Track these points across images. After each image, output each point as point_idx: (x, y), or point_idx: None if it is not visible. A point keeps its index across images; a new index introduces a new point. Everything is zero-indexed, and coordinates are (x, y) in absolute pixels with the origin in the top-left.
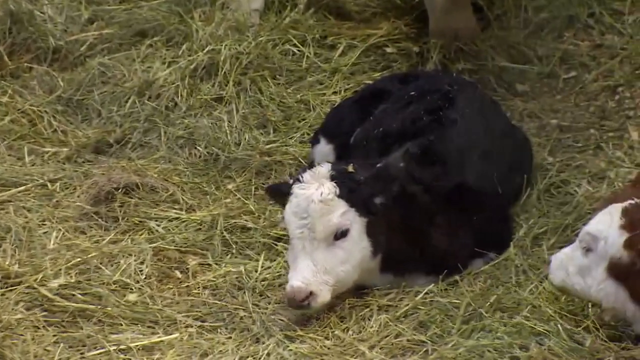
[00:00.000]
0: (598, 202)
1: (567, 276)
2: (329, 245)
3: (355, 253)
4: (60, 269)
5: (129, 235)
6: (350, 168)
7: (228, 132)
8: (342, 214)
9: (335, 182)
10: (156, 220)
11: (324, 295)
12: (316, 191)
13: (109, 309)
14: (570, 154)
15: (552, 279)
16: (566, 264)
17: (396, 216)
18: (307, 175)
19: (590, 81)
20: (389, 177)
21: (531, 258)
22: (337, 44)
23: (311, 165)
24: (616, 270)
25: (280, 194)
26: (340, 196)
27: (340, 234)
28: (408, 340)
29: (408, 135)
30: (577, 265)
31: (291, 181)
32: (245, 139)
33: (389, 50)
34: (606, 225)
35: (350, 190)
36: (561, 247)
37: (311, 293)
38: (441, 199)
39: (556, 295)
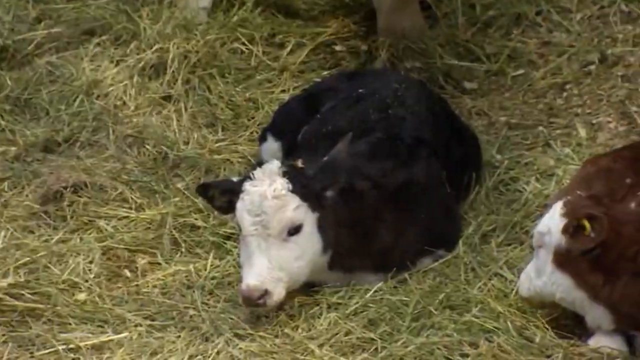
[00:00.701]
0: (547, 199)
1: (530, 283)
2: (283, 241)
3: (308, 248)
4: (9, 269)
5: (78, 234)
6: (299, 164)
7: (177, 130)
8: (295, 208)
9: (287, 178)
10: (105, 219)
11: (279, 293)
12: (269, 187)
13: (58, 308)
14: (518, 152)
15: (521, 291)
16: (529, 272)
17: (344, 211)
18: (258, 173)
19: (538, 79)
20: (336, 168)
21: (480, 255)
22: (286, 42)
23: (260, 163)
24: (559, 259)
25: (210, 190)
26: (293, 191)
27: (294, 230)
28: (358, 338)
29: (357, 133)
30: (535, 267)
31: (236, 179)
32: (194, 137)
33: (337, 48)
34: (550, 218)
35: (302, 185)
36: (510, 245)
37: (266, 291)
38: (389, 196)
39: (505, 292)
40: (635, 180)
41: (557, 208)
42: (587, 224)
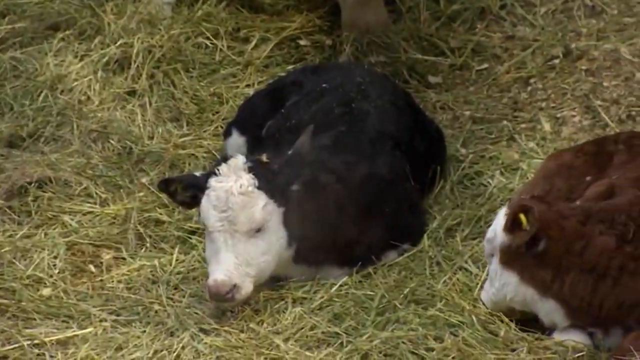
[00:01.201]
0: (512, 193)
1: (487, 294)
2: (250, 237)
3: (274, 243)
4: None
5: (43, 230)
6: (264, 158)
7: (141, 125)
8: (263, 206)
9: (253, 174)
10: (70, 214)
11: (247, 287)
12: (235, 183)
13: (23, 303)
14: (483, 146)
15: (484, 303)
16: (486, 285)
17: (309, 205)
18: (223, 168)
19: (502, 73)
20: (301, 161)
21: (445, 249)
22: (250, 36)
23: (224, 158)
24: (505, 258)
25: (172, 186)
26: (259, 188)
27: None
28: (323, 333)
29: (320, 128)
30: (489, 277)
31: (200, 173)
32: (158, 132)
33: (302, 42)
34: (495, 223)
35: (267, 181)
36: (474, 239)
37: (235, 286)
38: (353, 190)
39: (470, 286)
40: (595, 178)
41: (502, 211)
42: (523, 217)
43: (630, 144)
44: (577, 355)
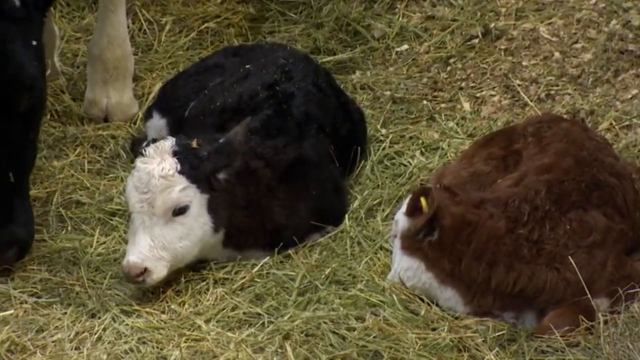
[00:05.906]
0: (432, 172)
1: (392, 274)
2: (168, 221)
3: (196, 229)
4: None
5: None
6: (195, 144)
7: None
8: (181, 189)
9: (177, 158)
10: None
11: (159, 271)
12: (157, 166)
13: None
14: (403, 125)
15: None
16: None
17: (239, 191)
18: (150, 150)
19: (422, 53)
20: (232, 152)
21: (366, 229)
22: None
23: (154, 141)
24: (405, 243)
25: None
26: (181, 172)
27: (179, 210)
28: (244, 313)
29: (246, 110)
30: (392, 258)
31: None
32: (79, 112)
33: (223, 24)
34: (401, 208)
35: (192, 166)
36: None
37: (146, 269)
38: (281, 174)
39: (390, 266)
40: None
41: (408, 198)
42: (424, 201)
43: (540, 135)
44: (497, 334)
